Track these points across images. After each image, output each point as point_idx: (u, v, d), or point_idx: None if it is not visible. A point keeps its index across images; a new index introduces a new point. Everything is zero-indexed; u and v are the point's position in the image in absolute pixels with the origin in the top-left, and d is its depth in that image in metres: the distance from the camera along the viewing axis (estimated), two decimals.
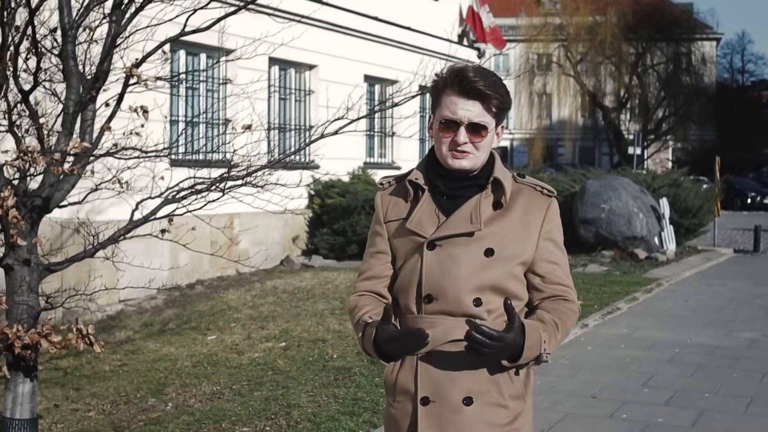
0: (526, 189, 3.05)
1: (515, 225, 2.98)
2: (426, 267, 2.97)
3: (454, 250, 2.96)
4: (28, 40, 6.23)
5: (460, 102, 2.93)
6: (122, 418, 7.34)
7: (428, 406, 2.93)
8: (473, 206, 2.98)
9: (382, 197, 3.18)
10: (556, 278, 3.03)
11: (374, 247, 3.17)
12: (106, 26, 6.33)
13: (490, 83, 2.92)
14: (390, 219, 3.12)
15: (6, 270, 6.37)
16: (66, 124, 6.29)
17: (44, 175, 6.31)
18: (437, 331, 2.92)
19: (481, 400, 2.91)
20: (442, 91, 2.98)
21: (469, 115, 2.92)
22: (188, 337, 10.55)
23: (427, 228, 3.00)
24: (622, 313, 12.38)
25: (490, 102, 2.93)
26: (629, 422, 7.19)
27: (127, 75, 6.31)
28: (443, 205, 3.02)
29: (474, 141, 2.95)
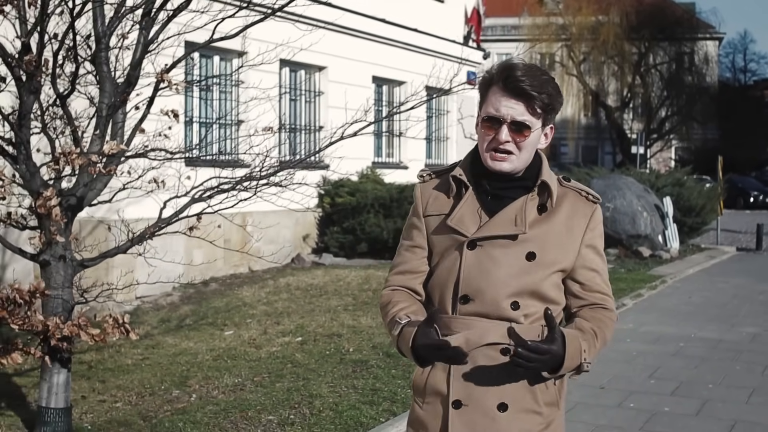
0: (572, 193, 3.01)
1: (559, 230, 2.95)
2: (465, 267, 2.92)
3: (495, 251, 2.91)
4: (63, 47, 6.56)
5: (503, 99, 2.87)
6: (149, 409, 7.63)
7: (460, 409, 2.90)
8: (519, 208, 2.93)
9: (423, 190, 3.11)
10: (596, 286, 2.99)
11: (411, 240, 3.10)
12: (136, 33, 6.67)
13: (537, 83, 2.86)
14: (430, 213, 3.05)
15: (42, 265, 6.69)
16: (99, 126, 6.61)
17: (78, 175, 6.63)
18: (472, 333, 2.90)
19: (515, 407, 2.87)
20: (489, 88, 2.93)
21: (512, 113, 2.86)
22: (206, 332, 10.85)
23: (469, 227, 2.95)
24: (628, 309, 12.72)
25: (535, 102, 2.86)
26: (636, 411, 7.52)
27: (158, 80, 6.63)
28: (487, 204, 2.97)
29: (517, 140, 2.88)
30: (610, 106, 55.57)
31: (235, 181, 6.98)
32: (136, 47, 6.70)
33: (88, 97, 6.77)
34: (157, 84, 6.69)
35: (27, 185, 6.55)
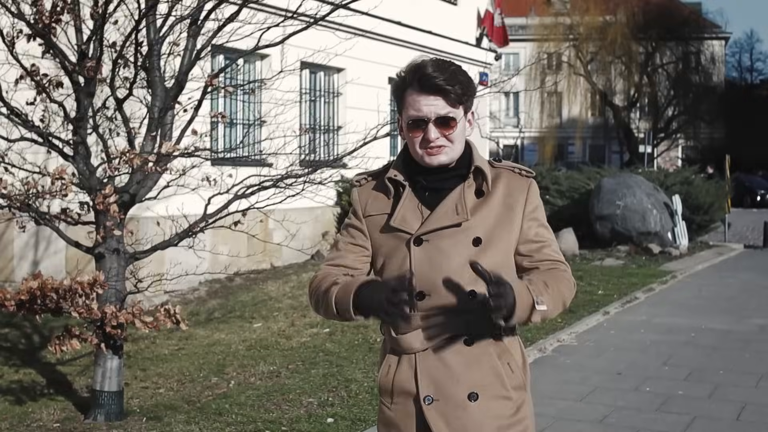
0: (505, 172, 3.04)
1: (499, 210, 2.97)
2: (415, 263, 2.92)
3: (443, 243, 2.93)
4: (116, 54, 7.03)
5: (422, 99, 2.90)
6: (190, 394, 8.08)
7: (432, 404, 2.91)
8: (457, 197, 2.96)
9: (360, 193, 3.13)
10: (544, 255, 2.99)
11: (351, 239, 3.11)
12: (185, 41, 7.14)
13: (449, 75, 2.90)
14: (370, 213, 3.07)
15: (97, 258, 7.18)
16: (151, 127, 7.10)
17: (132, 174, 7.11)
18: (433, 328, 2.92)
19: (486, 395, 2.90)
20: (404, 91, 2.96)
21: (434, 109, 2.90)
22: (235, 324, 11.32)
23: (412, 224, 2.97)
24: (640, 302, 13.18)
25: (452, 95, 2.90)
26: (652, 394, 7.99)
27: (207, 84, 7.11)
28: (426, 199, 2.99)
29: (446, 134, 2.92)
30: (618, 106, 55.86)
31: (276, 178, 7.46)
32: (184, 54, 7.18)
33: (140, 100, 7.21)
34: (205, 88, 7.17)
35: (85, 183, 7.01)
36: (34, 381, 8.73)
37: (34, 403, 7.80)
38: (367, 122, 9.88)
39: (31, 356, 10.03)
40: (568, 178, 21.80)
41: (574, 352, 9.35)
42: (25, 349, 10.52)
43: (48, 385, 8.53)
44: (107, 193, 6.67)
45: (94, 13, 6.71)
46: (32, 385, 8.52)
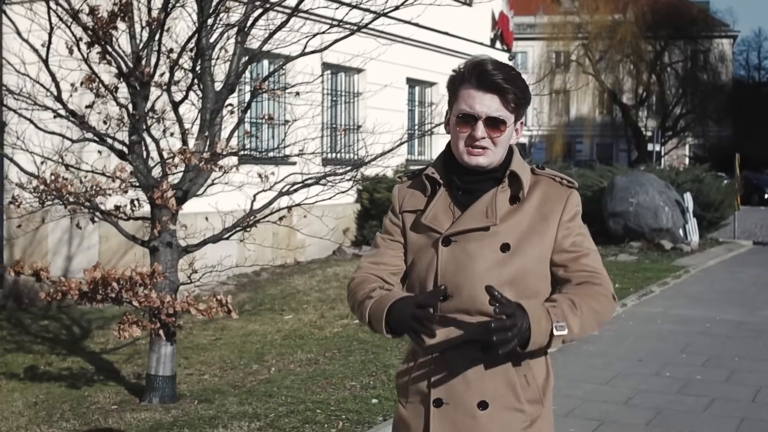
0: (545, 180, 2.97)
1: (532, 217, 2.90)
2: (441, 263, 2.89)
3: (470, 245, 2.87)
4: (169, 59, 7.50)
5: (477, 96, 2.83)
6: (234, 380, 8.55)
7: (441, 408, 2.87)
8: (489, 200, 2.90)
9: (399, 190, 3.11)
10: (580, 266, 2.91)
11: (388, 234, 3.09)
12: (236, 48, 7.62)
13: (508, 77, 2.83)
14: (405, 209, 3.05)
15: (151, 251, 7.65)
16: (203, 128, 7.58)
17: (185, 171, 7.59)
18: (453, 331, 2.86)
19: (496, 405, 2.83)
20: (460, 85, 2.89)
21: (486, 109, 2.83)
22: (266, 317, 11.79)
23: (443, 223, 2.93)
24: (656, 295, 13.67)
25: (509, 96, 2.84)
26: (672, 379, 8.47)
27: (256, 88, 7.59)
28: (459, 199, 2.95)
29: (492, 136, 2.85)
30: (626, 104, 56.22)
31: (320, 176, 7.93)
32: (232, 59, 7.66)
33: (192, 103, 7.68)
34: (254, 91, 7.65)
35: (142, 181, 7.49)
36: (82, 368, 9.21)
37: (89, 388, 8.27)
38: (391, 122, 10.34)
39: (74, 345, 10.51)
40: (580, 176, 22.25)
41: (596, 340, 9.85)
42: (67, 339, 11.01)
43: (96, 371, 9.00)
44: (165, 189, 7.15)
45: (153, 21, 7.18)
46: (82, 372, 8.99)
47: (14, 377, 8.90)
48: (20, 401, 7.87)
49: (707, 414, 7.37)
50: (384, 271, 3.03)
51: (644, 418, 7.20)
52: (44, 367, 9.34)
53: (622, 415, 7.28)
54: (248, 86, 10.46)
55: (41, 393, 8.17)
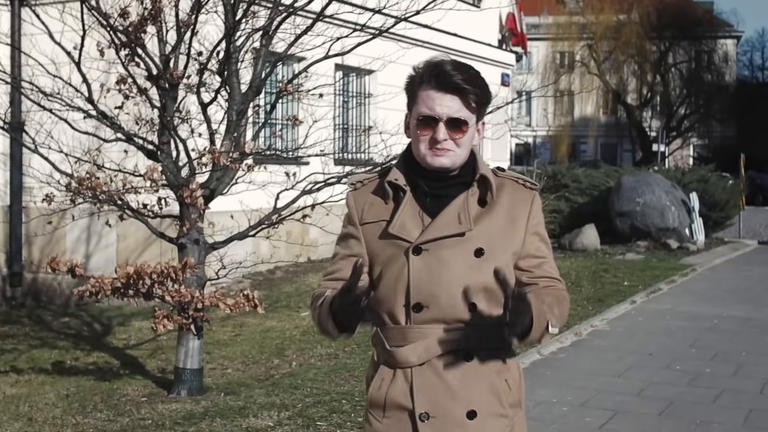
0: (509, 183, 2.92)
1: (502, 221, 2.85)
2: (413, 273, 2.79)
3: (443, 253, 2.79)
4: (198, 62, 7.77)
5: (437, 97, 2.76)
6: (257, 374, 8.81)
7: (428, 422, 2.78)
8: (461, 205, 2.83)
9: (356, 198, 2.95)
10: (543, 272, 2.89)
11: (348, 249, 2.94)
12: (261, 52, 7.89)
13: (468, 77, 2.77)
14: (367, 221, 2.90)
15: (179, 248, 7.91)
16: (230, 128, 7.84)
17: (212, 171, 7.85)
18: (431, 341, 2.79)
19: (484, 413, 2.79)
20: (419, 87, 2.81)
21: (447, 110, 2.76)
22: (283, 313, 12.05)
23: (412, 231, 2.82)
24: (664, 293, 13.96)
25: (469, 96, 2.77)
26: (682, 372, 8.76)
27: (281, 90, 7.86)
28: (427, 206, 2.85)
29: (454, 137, 2.78)
30: (631, 105, 56.43)
31: (341, 175, 8.19)
32: (256, 62, 7.93)
33: (217, 104, 7.94)
34: (279, 93, 7.92)
35: (171, 180, 7.75)
36: (108, 363, 9.48)
37: (117, 381, 8.53)
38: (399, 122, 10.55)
39: (97, 341, 10.78)
40: (587, 176, 22.53)
41: (607, 336, 10.16)
42: (89, 335, 11.28)
43: (122, 366, 9.26)
44: (194, 188, 7.43)
45: (183, 25, 7.45)
46: (108, 367, 9.27)
47: (42, 371, 9.15)
48: (52, 393, 8.12)
49: (717, 405, 7.65)
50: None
51: (657, 408, 7.49)
52: (71, 362, 9.59)
53: (636, 406, 7.56)
54: (265, 88, 10.94)
55: (71, 386, 8.41)
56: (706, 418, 7.21)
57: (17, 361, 9.72)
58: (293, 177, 7.77)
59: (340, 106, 17.90)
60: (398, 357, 2.81)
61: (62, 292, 14.57)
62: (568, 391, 7.93)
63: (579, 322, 10.93)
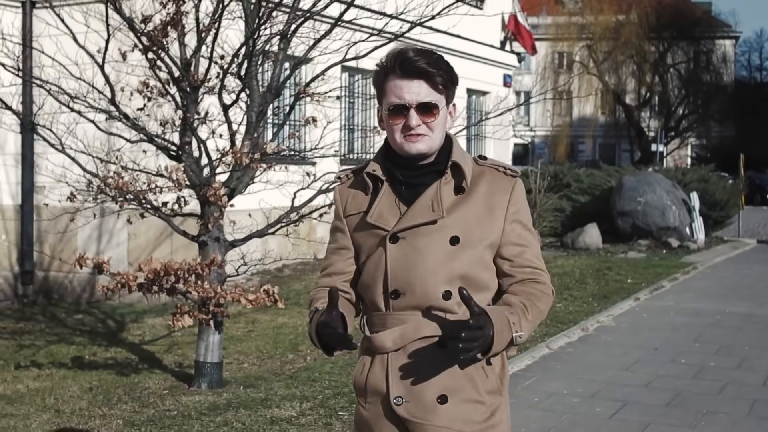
0: (489, 171, 2.94)
1: (479, 209, 2.87)
2: (390, 261, 2.86)
3: (418, 241, 2.84)
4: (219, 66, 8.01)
5: (404, 84, 2.81)
6: (273, 368, 9.02)
7: (402, 405, 2.84)
8: (433, 193, 2.87)
9: (341, 191, 3.06)
10: (525, 261, 2.92)
11: (335, 243, 3.06)
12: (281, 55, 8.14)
13: (431, 61, 2.82)
14: (349, 213, 3.00)
15: (200, 245, 8.15)
16: (250, 130, 8.09)
17: (233, 170, 8.09)
18: (407, 327, 2.84)
19: (456, 398, 2.82)
20: (385, 78, 2.87)
21: (416, 96, 2.81)
22: (293, 311, 12.26)
23: (389, 220, 2.89)
24: (666, 290, 14.25)
25: (436, 79, 2.82)
26: (687, 365, 9.04)
27: (299, 92, 8.11)
28: (403, 195, 2.91)
29: (427, 121, 2.82)
30: (630, 105, 56.64)
31: None
32: (275, 65, 8.18)
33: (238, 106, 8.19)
34: (297, 95, 8.17)
35: (193, 179, 7.99)
36: (126, 358, 9.69)
37: (137, 375, 8.75)
38: None
39: (113, 338, 11.00)
40: (589, 175, 22.81)
41: (613, 331, 10.44)
42: (104, 332, 11.50)
43: (140, 361, 9.48)
44: (218, 187, 7.68)
45: (205, 30, 7.70)
46: (126, 361, 9.48)
47: (62, 366, 9.35)
48: (75, 387, 8.34)
49: (722, 396, 7.91)
50: (337, 280, 3.01)
51: (664, 399, 7.75)
52: (89, 357, 9.80)
53: (644, 397, 7.83)
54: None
55: (93, 379, 8.63)
56: (711, 409, 7.47)
57: (36, 356, 9.92)
58: (312, 176, 7.99)
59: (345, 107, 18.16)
60: (375, 342, 2.89)
61: (73, 289, 14.82)
62: (578, 384, 8.19)
63: (585, 318, 11.22)
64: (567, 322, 10.92)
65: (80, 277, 14.74)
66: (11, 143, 14.76)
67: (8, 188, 14.88)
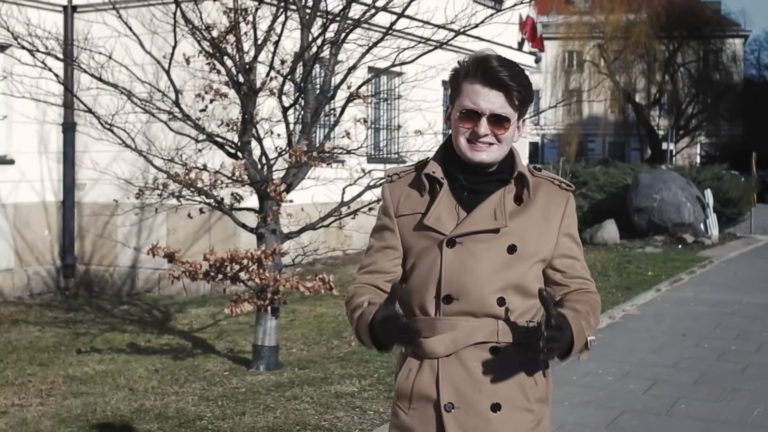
0: (545, 183, 2.93)
1: (537, 220, 2.87)
2: (446, 265, 2.81)
3: (476, 247, 2.81)
4: (278, 71, 8.64)
5: (482, 92, 2.76)
6: (321, 353, 9.60)
7: (452, 412, 2.80)
8: (497, 201, 2.84)
9: (392, 189, 2.97)
10: (576, 272, 2.93)
11: (383, 241, 2.97)
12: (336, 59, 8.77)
13: (514, 74, 2.76)
14: (402, 213, 2.93)
15: (258, 237, 8.78)
16: (305, 130, 8.72)
17: (289, 167, 8.71)
18: (459, 333, 2.81)
19: (508, 406, 2.80)
20: (464, 80, 2.81)
21: (491, 106, 2.76)
22: (330, 301, 12.79)
23: (447, 224, 2.84)
24: (685, 282, 14.95)
25: (513, 93, 2.77)
26: (710, 349, 9.73)
27: (352, 95, 8.74)
28: (464, 200, 2.86)
29: (496, 133, 2.78)
30: (640, 104, 57.01)
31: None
32: (326, 70, 8.81)
33: (295, 108, 8.81)
34: (349, 98, 8.80)
35: (253, 176, 8.61)
36: (179, 344, 10.28)
37: (194, 359, 9.35)
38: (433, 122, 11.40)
39: (162, 326, 11.58)
40: (605, 173, 23.41)
41: (638, 319, 11.15)
42: (152, 321, 12.09)
43: (193, 347, 10.07)
44: (278, 183, 8.32)
45: (267, 37, 8.34)
46: (181, 347, 10.06)
47: (121, 351, 9.92)
48: (140, 369, 8.91)
49: (744, 375, 8.58)
50: (379, 279, 2.96)
51: (691, 378, 8.42)
52: (144, 344, 10.37)
53: (672, 376, 8.51)
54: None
55: (155, 363, 9.21)
56: (736, 386, 8.13)
57: (94, 342, 10.49)
58: (368, 174, 8.60)
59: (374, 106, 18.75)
60: (426, 348, 2.84)
61: (114, 282, 15.44)
62: (611, 364, 8.83)
63: (611, 308, 11.96)
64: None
65: (120, 271, 15.38)
66: (54, 142, 15.36)
67: (51, 185, 15.46)
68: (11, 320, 12.17)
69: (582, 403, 7.54)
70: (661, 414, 7.30)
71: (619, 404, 7.54)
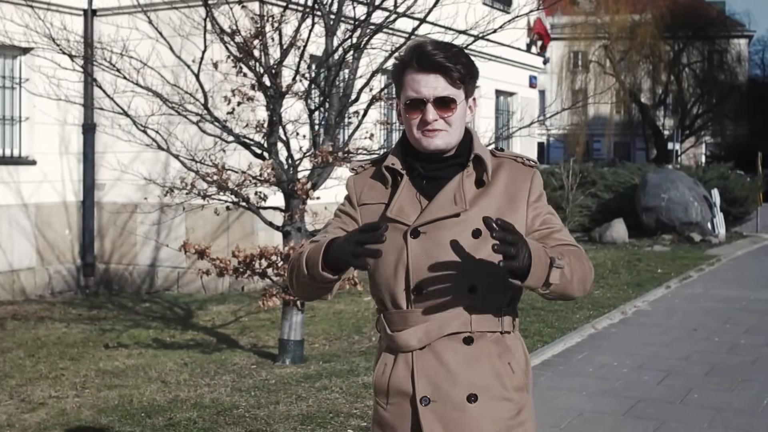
0: (507, 162, 2.89)
1: (500, 200, 2.81)
2: (412, 257, 2.76)
3: (441, 235, 2.76)
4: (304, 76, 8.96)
5: (422, 78, 2.74)
6: (343, 347, 9.88)
7: (429, 406, 2.76)
8: (456, 186, 2.80)
9: (356, 181, 2.96)
10: (555, 240, 2.80)
11: (341, 223, 2.93)
12: (359, 63, 9.08)
13: (449, 54, 2.74)
14: (365, 202, 2.91)
15: (284, 235, 9.08)
16: (329, 131, 9.03)
17: (314, 167, 9.02)
18: (431, 324, 2.76)
19: (485, 396, 2.76)
20: (403, 72, 2.80)
21: (433, 91, 2.74)
22: (347, 298, 13.10)
23: (410, 215, 2.79)
24: (694, 279, 15.30)
25: (453, 74, 2.74)
26: (720, 343, 10.06)
27: (374, 97, 9.05)
28: (424, 188, 2.83)
29: (444, 116, 2.75)
30: (645, 104, 57.23)
31: None
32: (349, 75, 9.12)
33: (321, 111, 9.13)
34: (372, 101, 9.11)
35: (280, 176, 8.91)
36: (204, 339, 10.57)
37: (221, 354, 9.63)
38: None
39: (185, 323, 11.86)
40: (613, 173, 23.72)
41: (650, 315, 11.50)
42: (174, 318, 12.36)
43: (218, 342, 10.35)
44: (305, 182, 8.64)
45: (293, 42, 8.66)
46: (206, 342, 10.33)
47: (148, 346, 10.18)
48: (170, 362, 9.17)
49: (754, 368, 8.91)
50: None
51: (703, 370, 8.75)
52: (170, 339, 10.65)
53: (685, 368, 8.83)
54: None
55: (183, 357, 9.48)
56: (746, 377, 8.45)
57: (120, 338, 10.77)
58: None
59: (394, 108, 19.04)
60: (399, 341, 2.81)
61: (133, 281, 15.74)
62: (625, 357, 9.18)
63: (623, 303, 12.34)
64: (607, 307, 11.97)
65: (140, 269, 15.69)
66: (74, 143, 15.68)
67: (71, 186, 15.76)
68: (37, 317, 12.45)
69: (599, 393, 7.87)
70: (676, 402, 7.62)
71: (635, 394, 7.86)
